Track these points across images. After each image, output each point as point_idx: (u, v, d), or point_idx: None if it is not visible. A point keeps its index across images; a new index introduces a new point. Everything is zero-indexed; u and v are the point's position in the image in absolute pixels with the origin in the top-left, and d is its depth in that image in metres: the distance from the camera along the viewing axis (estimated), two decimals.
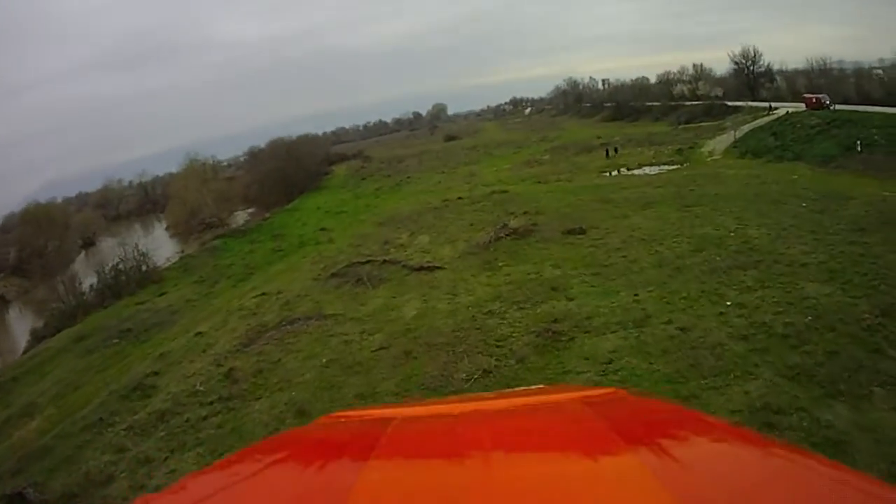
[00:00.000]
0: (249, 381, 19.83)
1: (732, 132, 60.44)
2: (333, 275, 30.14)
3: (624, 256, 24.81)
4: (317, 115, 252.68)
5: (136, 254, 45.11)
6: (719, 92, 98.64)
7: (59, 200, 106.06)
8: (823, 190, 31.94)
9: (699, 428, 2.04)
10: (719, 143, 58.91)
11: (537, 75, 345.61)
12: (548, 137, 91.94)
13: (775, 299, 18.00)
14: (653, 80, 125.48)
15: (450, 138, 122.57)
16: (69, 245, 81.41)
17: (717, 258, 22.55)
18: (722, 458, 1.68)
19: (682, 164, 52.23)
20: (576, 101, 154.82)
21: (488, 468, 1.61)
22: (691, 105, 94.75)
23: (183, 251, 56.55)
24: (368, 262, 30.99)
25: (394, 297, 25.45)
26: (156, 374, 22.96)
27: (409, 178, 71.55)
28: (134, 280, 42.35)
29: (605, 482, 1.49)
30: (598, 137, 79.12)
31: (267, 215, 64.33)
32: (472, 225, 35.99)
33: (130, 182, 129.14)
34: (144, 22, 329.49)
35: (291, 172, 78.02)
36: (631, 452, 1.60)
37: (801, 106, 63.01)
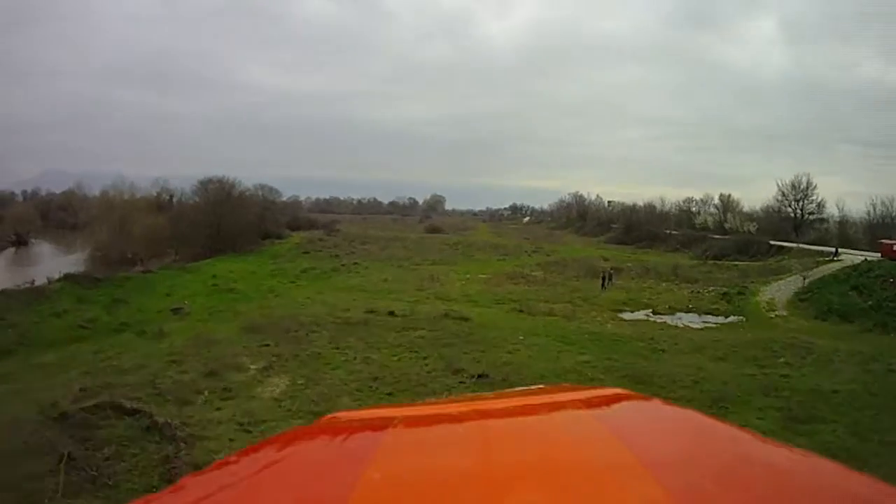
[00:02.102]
0: None
1: (802, 277, 45.82)
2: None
3: None
4: (313, 180, 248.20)
5: None
6: (752, 227, 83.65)
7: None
8: None
9: (699, 428, 1.91)
10: (779, 292, 44.22)
11: (541, 187, 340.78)
12: (542, 249, 75.31)
13: None
14: (666, 208, 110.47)
15: (433, 230, 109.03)
16: None
17: None
18: (722, 459, 1.60)
19: (735, 319, 37.28)
20: (579, 216, 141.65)
21: (488, 468, 1.55)
22: (720, 239, 79.30)
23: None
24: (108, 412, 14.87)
25: None
26: None
27: (356, 263, 56.98)
28: None
29: (604, 482, 1.42)
30: (605, 259, 63.17)
31: (139, 270, 49.94)
32: (376, 379, 19.52)
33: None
34: (174, 44, 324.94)
35: (226, 225, 65.01)
36: (631, 452, 1.52)
37: (866, 255, 53.13)
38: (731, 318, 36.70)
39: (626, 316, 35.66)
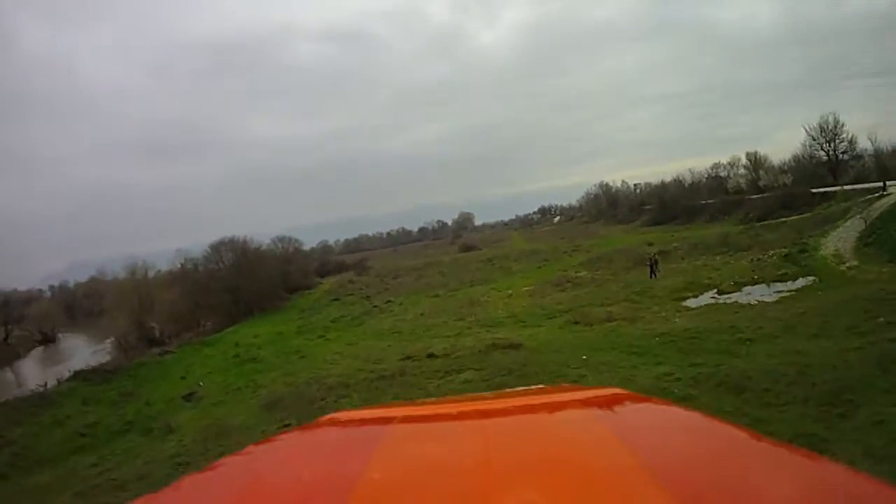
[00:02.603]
0: None
1: (862, 220, 42.43)
2: None
3: None
4: (340, 222, 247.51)
5: None
6: (787, 180, 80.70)
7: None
8: None
9: (699, 427, 1.95)
10: (841, 241, 40.51)
11: (566, 184, 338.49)
12: (582, 246, 70.99)
13: None
14: (695, 179, 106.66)
15: (466, 248, 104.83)
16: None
17: None
18: (722, 458, 1.62)
19: (808, 281, 33.15)
20: (610, 205, 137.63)
21: (488, 468, 1.55)
22: (759, 198, 74.59)
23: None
24: None
25: None
26: None
27: (389, 302, 52.60)
28: None
29: (604, 482, 1.44)
30: (650, 244, 58.76)
31: (156, 352, 45.60)
32: None
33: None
34: (177, 114, 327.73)
35: (246, 287, 61.83)
36: (629, 452, 1.56)
37: None
38: (803, 281, 32.99)
39: (692, 303, 32.13)
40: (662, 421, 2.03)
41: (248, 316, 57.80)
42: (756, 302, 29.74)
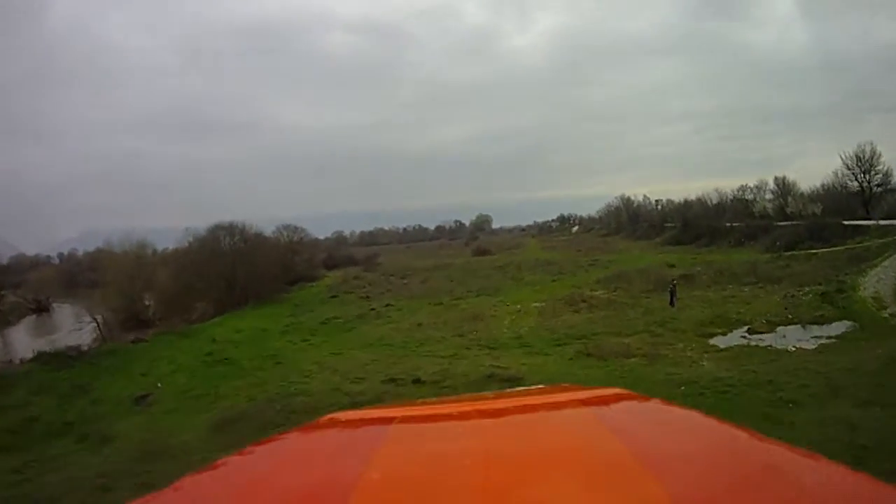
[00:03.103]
0: None
1: None
2: None
3: None
4: (358, 214, 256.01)
5: None
6: (817, 209, 76.17)
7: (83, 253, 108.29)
8: None
9: (699, 427, 1.98)
10: (880, 283, 36.85)
11: (585, 195, 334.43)
12: (599, 261, 67.54)
13: None
14: (720, 199, 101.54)
15: (480, 252, 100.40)
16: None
17: None
18: (722, 458, 1.65)
19: (847, 327, 29.93)
20: (630, 220, 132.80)
21: (488, 468, 1.58)
22: (787, 226, 69.83)
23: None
24: None
25: None
26: None
27: (388, 306, 49.06)
28: None
29: (604, 482, 1.45)
30: (671, 266, 55.37)
31: (130, 339, 42.07)
32: None
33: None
34: (205, 93, 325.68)
35: (243, 275, 57.58)
36: (629, 452, 1.57)
37: None
38: (842, 326, 29.76)
39: (721, 342, 28.94)
40: (662, 421, 2.03)
41: (242, 305, 54.55)
42: (794, 349, 26.67)
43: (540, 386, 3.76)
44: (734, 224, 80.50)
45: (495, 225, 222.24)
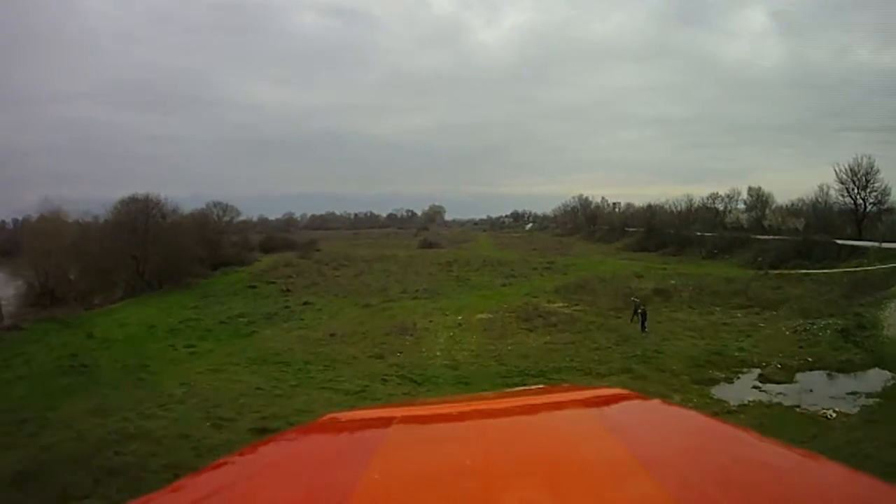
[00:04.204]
0: None
1: None
2: None
3: None
4: (312, 195, 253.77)
5: None
6: (799, 224, 69.31)
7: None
8: None
9: (698, 427, 1.96)
10: None
11: (541, 192, 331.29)
12: (556, 264, 59.27)
13: None
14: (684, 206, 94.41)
15: (427, 245, 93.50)
16: None
17: None
18: (721, 458, 1.63)
19: (881, 378, 22.93)
20: (588, 221, 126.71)
21: (488, 467, 1.56)
22: (770, 240, 63.06)
23: None
24: None
25: None
26: None
27: (306, 304, 41.50)
28: None
29: (603, 481, 1.44)
30: (639, 276, 48.03)
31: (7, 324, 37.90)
32: None
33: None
34: (168, 63, 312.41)
35: (153, 256, 50.62)
36: (630, 452, 1.55)
37: None
38: (879, 378, 22.68)
39: (727, 393, 21.29)
40: (662, 421, 2.01)
41: (153, 289, 48.09)
42: (833, 414, 18.74)
43: (540, 386, 3.83)
44: (706, 234, 73.56)
45: (448, 217, 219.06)
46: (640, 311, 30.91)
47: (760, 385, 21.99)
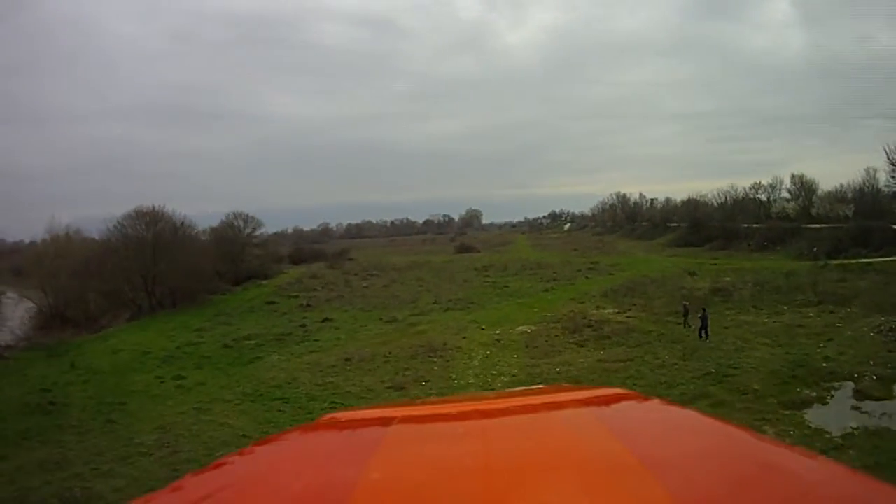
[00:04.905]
0: None
1: None
2: None
3: None
4: (347, 206, 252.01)
5: None
6: (848, 211, 64.47)
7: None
8: None
9: (699, 427, 1.91)
10: None
11: (577, 192, 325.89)
12: (600, 265, 54.91)
13: None
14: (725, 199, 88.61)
15: (464, 249, 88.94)
16: None
17: None
18: (722, 458, 1.57)
19: None
20: (628, 218, 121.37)
21: (489, 468, 1.52)
22: (824, 229, 58.46)
23: None
24: None
25: None
26: None
27: (326, 321, 37.65)
28: None
29: (604, 482, 1.39)
30: (692, 274, 43.77)
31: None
32: None
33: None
34: (196, 81, 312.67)
35: (164, 273, 47.21)
36: (629, 451, 1.49)
37: None
38: None
39: (823, 418, 17.69)
40: (663, 420, 1.99)
41: (161, 310, 44.77)
42: None
43: (540, 386, 3.70)
44: (753, 226, 69.22)
45: (485, 220, 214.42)
46: (701, 314, 26.93)
47: (858, 404, 18.20)
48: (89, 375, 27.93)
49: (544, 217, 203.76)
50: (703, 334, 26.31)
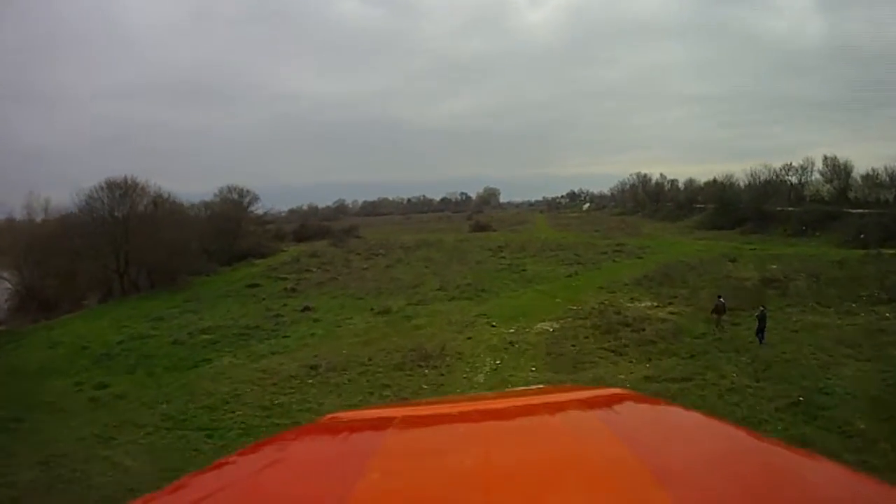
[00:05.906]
0: None
1: None
2: None
3: None
4: (369, 183, 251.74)
5: None
6: (889, 195, 59.77)
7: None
8: None
9: (699, 428, 1.91)
10: None
11: (595, 173, 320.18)
12: (626, 247, 49.34)
13: None
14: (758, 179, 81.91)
15: (479, 227, 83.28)
16: None
17: None
18: (724, 459, 1.57)
19: None
20: (650, 199, 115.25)
21: (489, 468, 1.53)
22: (871, 214, 52.37)
23: None
24: None
25: None
26: None
27: (306, 310, 31.98)
28: None
29: (605, 483, 1.40)
30: (732, 260, 38.20)
31: None
32: None
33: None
34: (212, 58, 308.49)
35: (138, 251, 42.25)
36: (632, 453, 1.51)
37: None
38: None
39: None
40: (664, 421, 1.97)
41: (134, 292, 40.89)
42: None
43: (540, 386, 3.92)
44: (787, 209, 63.31)
45: (503, 199, 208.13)
46: (759, 313, 21.54)
47: None
48: (5, 377, 22.96)
49: (563, 196, 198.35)
50: (761, 338, 21.21)
